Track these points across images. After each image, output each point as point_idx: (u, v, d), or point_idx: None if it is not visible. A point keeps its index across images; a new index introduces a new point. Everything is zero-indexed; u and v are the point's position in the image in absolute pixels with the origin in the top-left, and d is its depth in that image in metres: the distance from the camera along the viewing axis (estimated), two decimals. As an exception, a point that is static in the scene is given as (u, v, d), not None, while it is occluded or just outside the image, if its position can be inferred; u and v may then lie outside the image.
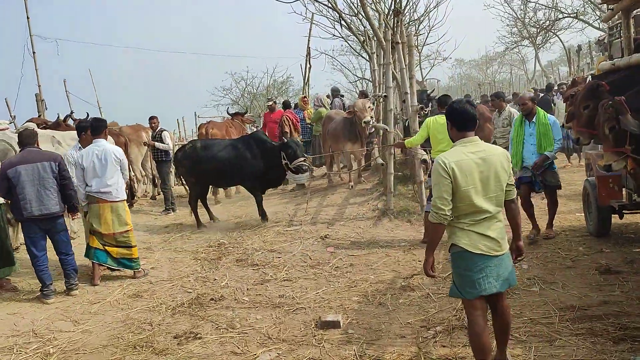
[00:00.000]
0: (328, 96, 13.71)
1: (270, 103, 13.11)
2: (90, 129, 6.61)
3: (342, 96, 15.60)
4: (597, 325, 4.12)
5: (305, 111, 12.88)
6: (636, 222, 6.87)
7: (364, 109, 9.51)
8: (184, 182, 10.22)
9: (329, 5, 12.32)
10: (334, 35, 18.22)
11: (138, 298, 5.90)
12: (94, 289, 6.26)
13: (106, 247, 6.46)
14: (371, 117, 9.67)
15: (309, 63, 18.55)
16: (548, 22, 23.62)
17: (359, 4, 11.62)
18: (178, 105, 59.79)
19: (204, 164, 8.98)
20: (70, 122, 12.51)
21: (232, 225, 9.05)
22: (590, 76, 5.46)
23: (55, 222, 5.97)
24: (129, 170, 8.36)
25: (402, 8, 9.36)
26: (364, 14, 8.95)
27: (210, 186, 10.09)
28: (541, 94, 13.96)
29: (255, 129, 13.39)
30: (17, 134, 6.59)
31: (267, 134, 11.11)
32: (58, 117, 12.49)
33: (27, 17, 14.94)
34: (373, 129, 10.00)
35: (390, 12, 10.13)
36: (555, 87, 14.82)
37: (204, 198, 9.57)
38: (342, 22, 13.59)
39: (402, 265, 6.25)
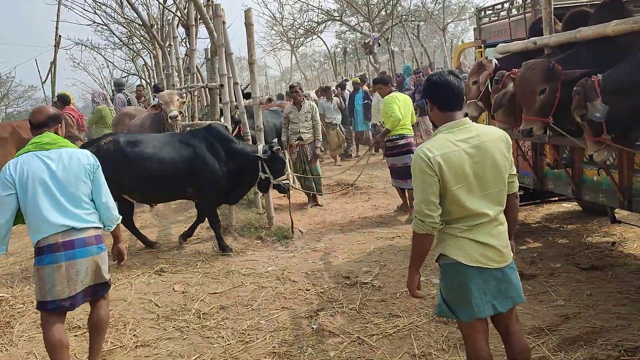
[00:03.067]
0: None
1: None
2: None
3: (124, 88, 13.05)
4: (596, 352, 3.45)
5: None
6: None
7: (170, 101, 7.66)
8: None
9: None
10: (95, 22, 15.43)
11: None
12: None
13: None
14: (180, 112, 7.93)
15: (56, 58, 15.18)
16: (313, 23, 24.22)
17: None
18: None
19: (133, 168, 5.86)
20: None
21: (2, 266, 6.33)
22: (495, 59, 4.88)
23: None
24: None
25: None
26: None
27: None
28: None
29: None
30: None
31: None
32: None
33: None
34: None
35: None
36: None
37: (128, 217, 6.33)
38: (126, 5, 11.13)
39: (290, 300, 4.87)
